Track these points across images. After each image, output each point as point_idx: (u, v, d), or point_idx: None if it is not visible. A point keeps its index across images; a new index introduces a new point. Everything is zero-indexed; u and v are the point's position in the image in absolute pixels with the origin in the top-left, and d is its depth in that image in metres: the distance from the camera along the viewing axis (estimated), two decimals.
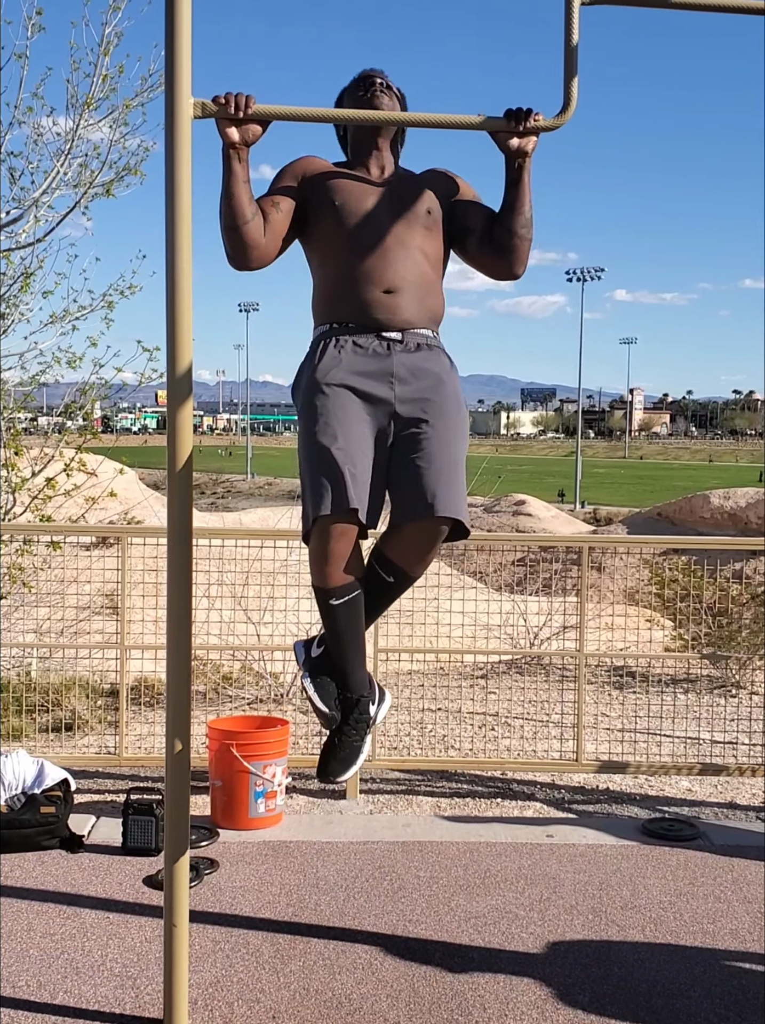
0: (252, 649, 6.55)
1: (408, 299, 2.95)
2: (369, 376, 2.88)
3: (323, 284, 3.05)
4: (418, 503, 2.81)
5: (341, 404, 2.84)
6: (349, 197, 2.99)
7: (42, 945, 3.48)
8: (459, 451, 2.92)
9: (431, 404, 2.90)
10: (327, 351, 2.93)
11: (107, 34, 6.98)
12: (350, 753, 2.98)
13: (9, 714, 5.67)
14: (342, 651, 2.96)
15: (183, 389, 2.86)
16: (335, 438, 2.78)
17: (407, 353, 2.94)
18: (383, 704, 3.14)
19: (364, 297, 2.93)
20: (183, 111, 2.78)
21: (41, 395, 8.11)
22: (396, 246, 2.95)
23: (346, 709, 2.98)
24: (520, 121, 2.88)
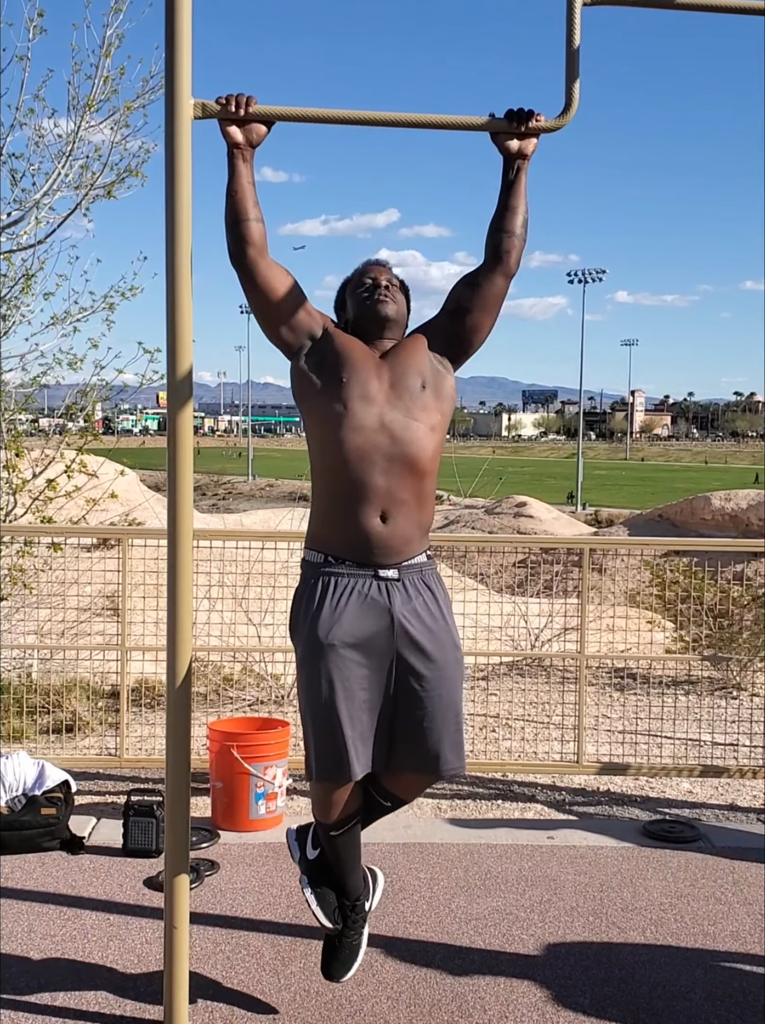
0: (253, 651, 6.55)
1: (403, 524, 2.84)
2: (369, 636, 2.82)
3: (320, 499, 2.92)
4: (423, 760, 2.89)
5: (345, 667, 2.79)
6: (355, 378, 2.85)
7: (43, 946, 3.48)
8: (458, 694, 2.95)
9: (429, 649, 2.86)
10: (326, 599, 2.83)
11: (108, 36, 6.99)
12: (351, 954, 3.09)
13: (10, 715, 5.67)
14: (341, 867, 3.06)
15: (184, 391, 2.86)
16: (339, 705, 2.77)
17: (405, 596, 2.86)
18: (377, 891, 3.25)
19: (361, 529, 2.81)
20: (183, 112, 2.78)
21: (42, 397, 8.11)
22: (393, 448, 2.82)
23: (344, 914, 3.07)
24: (521, 122, 2.88)
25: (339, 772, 2.78)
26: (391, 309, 2.97)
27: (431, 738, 2.86)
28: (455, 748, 2.90)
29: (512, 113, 2.90)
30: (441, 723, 2.87)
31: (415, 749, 2.88)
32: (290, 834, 3.24)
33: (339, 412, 2.82)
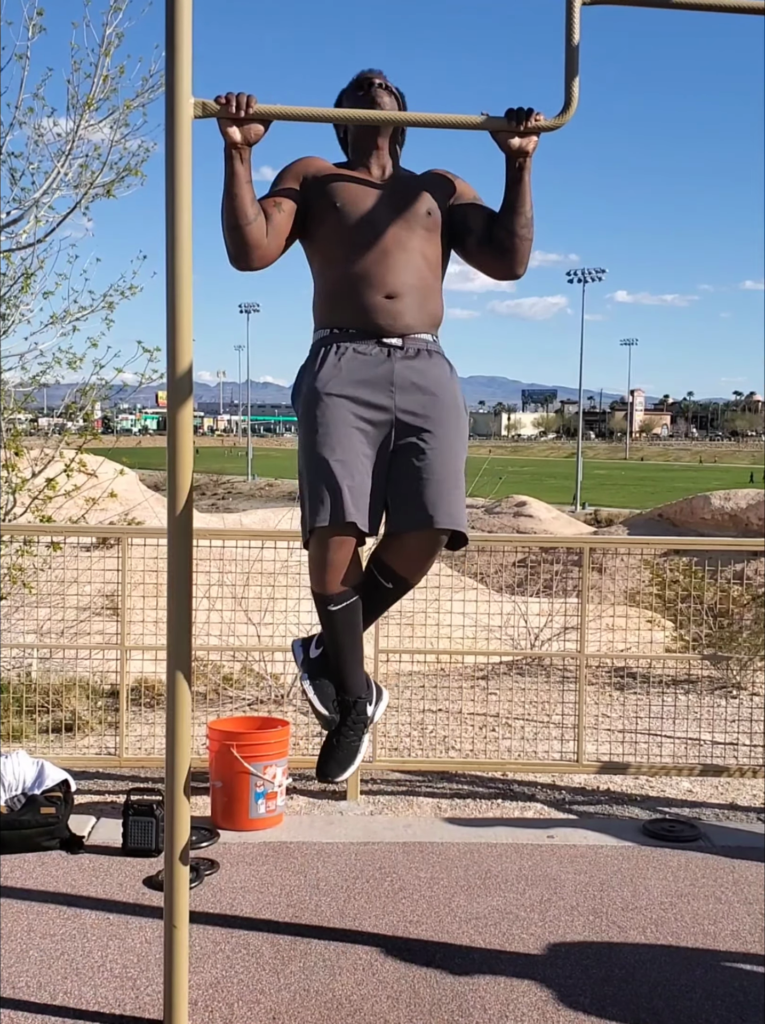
0: (252, 650, 6.54)
1: (408, 304, 2.94)
2: (369, 385, 2.88)
3: (324, 288, 3.04)
4: (418, 514, 2.84)
5: (341, 415, 2.83)
6: (350, 199, 2.99)
7: (42, 946, 3.48)
8: (459, 460, 2.93)
9: (431, 412, 2.90)
10: (327, 358, 2.93)
11: (108, 35, 6.99)
12: (348, 754, 3.02)
13: (9, 715, 5.66)
14: (340, 655, 3.00)
15: (183, 390, 2.86)
16: (334, 449, 2.79)
17: (407, 360, 2.93)
18: (381, 703, 3.18)
19: (365, 302, 2.92)
20: (183, 111, 2.78)
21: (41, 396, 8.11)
22: (396, 249, 2.95)
23: (344, 711, 3.02)
24: (521, 121, 2.88)
25: (336, 513, 2.74)
26: (387, 104, 3.06)
27: (428, 489, 2.83)
28: (453, 505, 2.84)
29: (512, 112, 2.90)
30: (439, 477, 2.84)
31: (411, 502, 2.84)
32: (295, 643, 3.20)
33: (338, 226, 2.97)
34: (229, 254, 2.95)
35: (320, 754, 3.05)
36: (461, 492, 2.90)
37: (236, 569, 6.01)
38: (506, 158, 2.95)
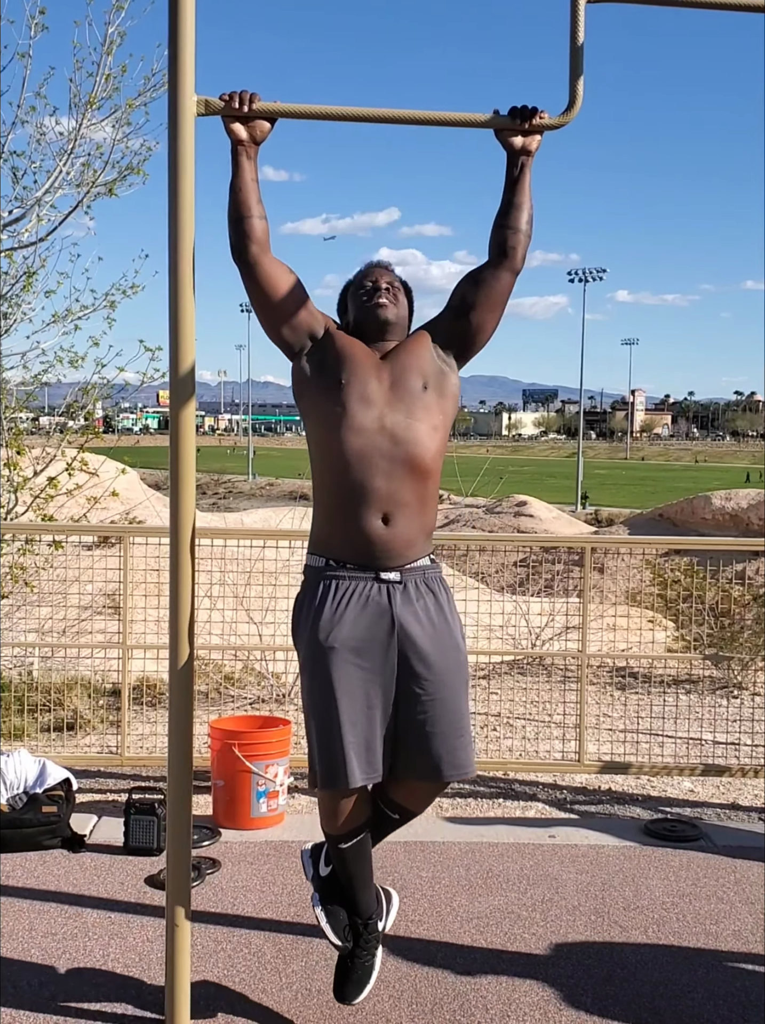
0: (254, 649, 6.54)
1: (405, 527, 2.83)
2: (370, 637, 2.80)
3: (321, 502, 2.91)
4: (426, 767, 2.86)
5: (346, 670, 2.77)
6: (354, 379, 2.84)
7: (44, 945, 3.48)
8: (461, 701, 2.91)
9: (433, 654, 2.84)
10: (326, 601, 2.82)
11: (110, 33, 7.00)
12: (363, 974, 3.03)
13: (11, 713, 5.66)
14: (352, 883, 3.03)
15: (186, 389, 2.86)
16: (341, 709, 2.76)
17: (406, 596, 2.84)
18: (391, 911, 3.21)
19: (361, 532, 2.80)
20: (186, 108, 2.78)
21: (43, 395, 8.12)
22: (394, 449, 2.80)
23: (356, 933, 3.04)
24: (525, 119, 2.88)
25: (339, 779, 2.76)
26: (391, 313, 2.96)
27: (433, 743, 2.84)
28: (459, 754, 2.86)
29: (515, 110, 2.90)
30: (443, 728, 2.84)
31: (417, 755, 2.86)
32: (304, 853, 3.23)
33: (338, 414, 2.81)
34: (231, 247, 2.91)
35: (335, 975, 3.05)
36: (467, 736, 2.90)
37: (237, 568, 6.01)
38: (508, 156, 2.95)
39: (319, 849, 3.17)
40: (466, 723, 2.91)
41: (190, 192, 2.82)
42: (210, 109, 2.81)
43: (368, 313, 2.95)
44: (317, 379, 2.89)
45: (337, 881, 3.06)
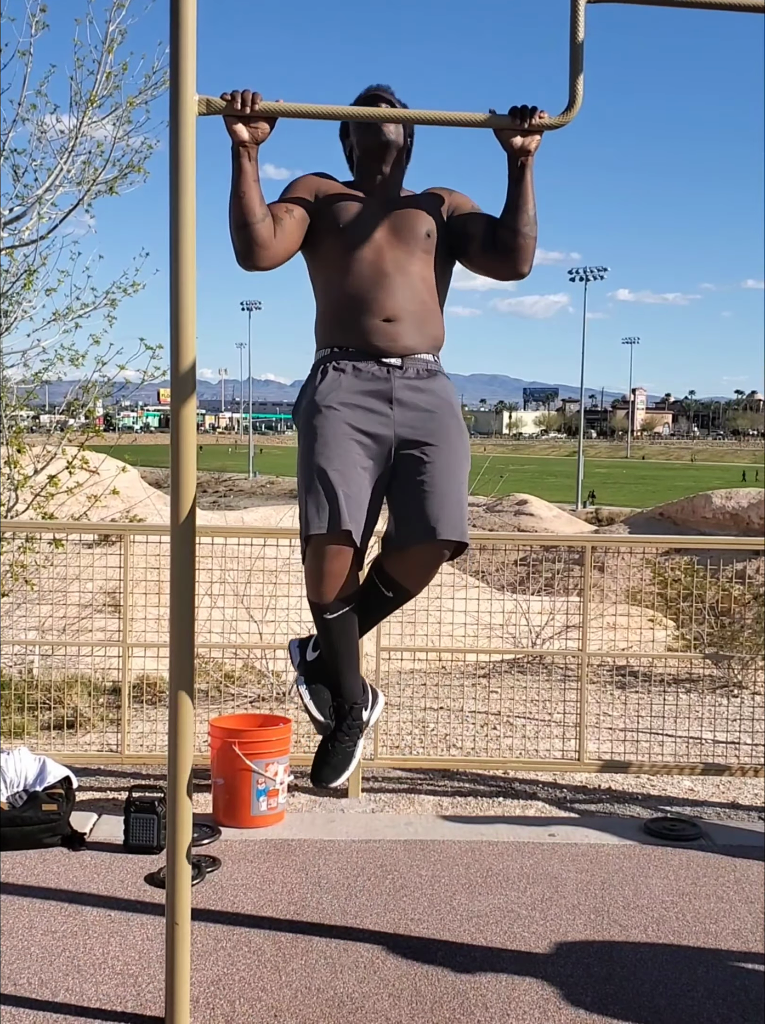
0: (254, 647, 6.55)
1: (408, 327, 2.95)
2: (369, 400, 2.88)
3: (325, 310, 3.05)
4: (422, 527, 2.84)
5: (339, 427, 2.84)
6: (354, 222, 3.00)
7: (43, 943, 3.48)
8: (462, 473, 2.93)
9: (432, 427, 2.90)
10: (328, 374, 2.94)
11: (111, 31, 7.00)
12: (343, 759, 3.04)
13: (11, 711, 5.67)
14: (336, 661, 3.01)
15: (187, 386, 2.86)
16: (331, 459, 2.79)
17: (407, 379, 2.94)
18: (376, 707, 3.20)
19: (364, 325, 2.94)
20: (188, 107, 2.77)
21: (43, 393, 8.12)
22: (396, 274, 2.96)
23: (339, 716, 3.04)
24: (525, 118, 2.88)
25: (332, 521, 2.74)
26: (391, 131, 3.04)
27: (430, 502, 2.83)
28: (455, 515, 2.83)
29: (515, 110, 2.90)
30: (441, 489, 2.84)
31: (414, 516, 2.84)
32: (292, 644, 3.22)
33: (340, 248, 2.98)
34: (236, 253, 2.94)
35: (315, 759, 3.06)
36: (463, 504, 2.90)
37: (238, 566, 6.01)
38: (508, 157, 2.95)
39: (307, 640, 3.17)
40: (464, 495, 2.92)
41: (191, 191, 2.82)
42: (211, 109, 2.81)
43: (370, 134, 3.04)
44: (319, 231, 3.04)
45: (323, 666, 3.04)
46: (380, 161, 3.07)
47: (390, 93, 3.12)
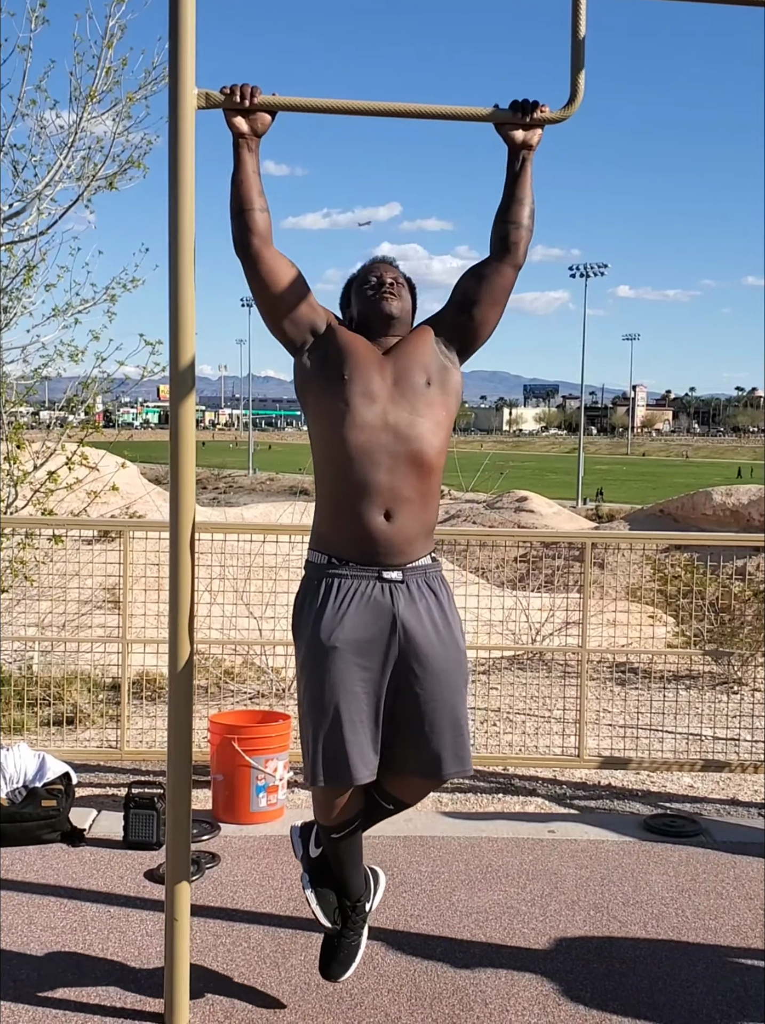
0: (254, 644, 6.54)
1: (407, 523, 2.81)
2: (371, 634, 2.79)
3: (323, 497, 2.90)
4: (426, 764, 2.87)
5: (347, 670, 2.76)
6: (358, 374, 2.83)
7: (43, 938, 3.48)
8: (460, 701, 2.91)
9: (431, 657, 2.83)
10: (329, 600, 2.81)
11: (111, 27, 6.98)
12: (349, 954, 3.06)
13: (10, 708, 5.67)
14: (342, 868, 3.04)
15: (186, 383, 2.86)
16: (341, 708, 2.75)
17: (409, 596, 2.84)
18: (378, 892, 3.22)
19: (365, 528, 2.79)
20: (187, 101, 2.77)
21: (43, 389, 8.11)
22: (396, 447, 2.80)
23: (344, 915, 3.05)
24: (526, 113, 2.87)
25: (342, 777, 2.76)
26: (395, 307, 2.95)
27: (432, 742, 2.84)
28: (456, 752, 2.87)
29: (517, 104, 2.89)
30: (442, 726, 2.84)
31: (416, 752, 2.86)
32: (294, 831, 3.24)
33: (341, 409, 2.80)
34: (233, 240, 2.88)
35: (322, 953, 3.07)
36: (465, 734, 2.91)
37: (237, 563, 6.01)
38: (509, 151, 2.94)
39: (309, 829, 3.18)
40: (465, 721, 2.92)
41: (191, 186, 2.81)
42: (211, 102, 2.81)
43: (373, 308, 2.94)
44: (319, 374, 2.88)
45: (327, 863, 3.07)
46: (385, 332, 2.95)
47: (394, 269, 3.04)
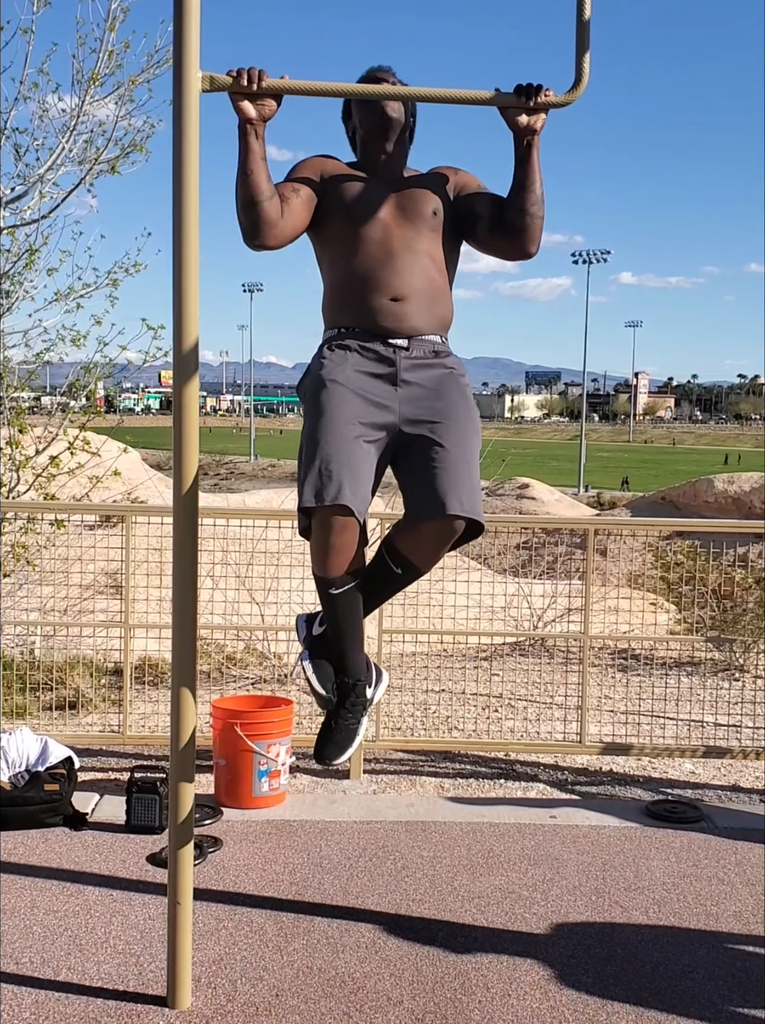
0: (256, 629, 6.55)
1: (415, 307, 2.93)
2: (375, 376, 2.86)
3: (332, 290, 3.04)
4: (433, 503, 2.78)
5: (345, 400, 2.81)
6: (359, 200, 2.98)
7: (45, 922, 3.49)
8: (472, 449, 2.90)
9: (439, 406, 2.87)
10: (334, 352, 2.92)
11: (113, 9, 6.95)
12: (346, 736, 3.01)
13: (13, 692, 5.67)
14: (340, 637, 2.99)
15: (189, 367, 2.84)
16: (337, 433, 2.76)
17: (413, 359, 2.91)
18: (380, 685, 3.18)
19: (371, 305, 2.92)
20: (191, 84, 2.75)
21: (45, 374, 8.10)
22: (404, 252, 2.95)
23: (343, 693, 3.01)
24: (530, 96, 2.85)
25: (334, 494, 2.69)
26: (393, 109, 3.02)
27: (439, 478, 2.78)
28: (466, 492, 2.77)
29: (521, 88, 2.87)
30: (452, 465, 2.80)
31: (426, 492, 2.79)
32: (299, 618, 3.21)
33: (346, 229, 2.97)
34: (243, 231, 2.90)
35: (318, 737, 3.04)
36: (476, 481, 2.85)
37: (239, 548, 6.01)
38: (514, 136, 2.92)
39: (314, 616, 3.16)
40: (475, 470, 2.87)
41: (195, 168, 2.80)
42: (215, 85, 2.79)
43: (373, 110, 3.02)
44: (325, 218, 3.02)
45: (327, 642, 3.03)
46: (383, 140, 3.05)
47: (391, 73, 3.10)
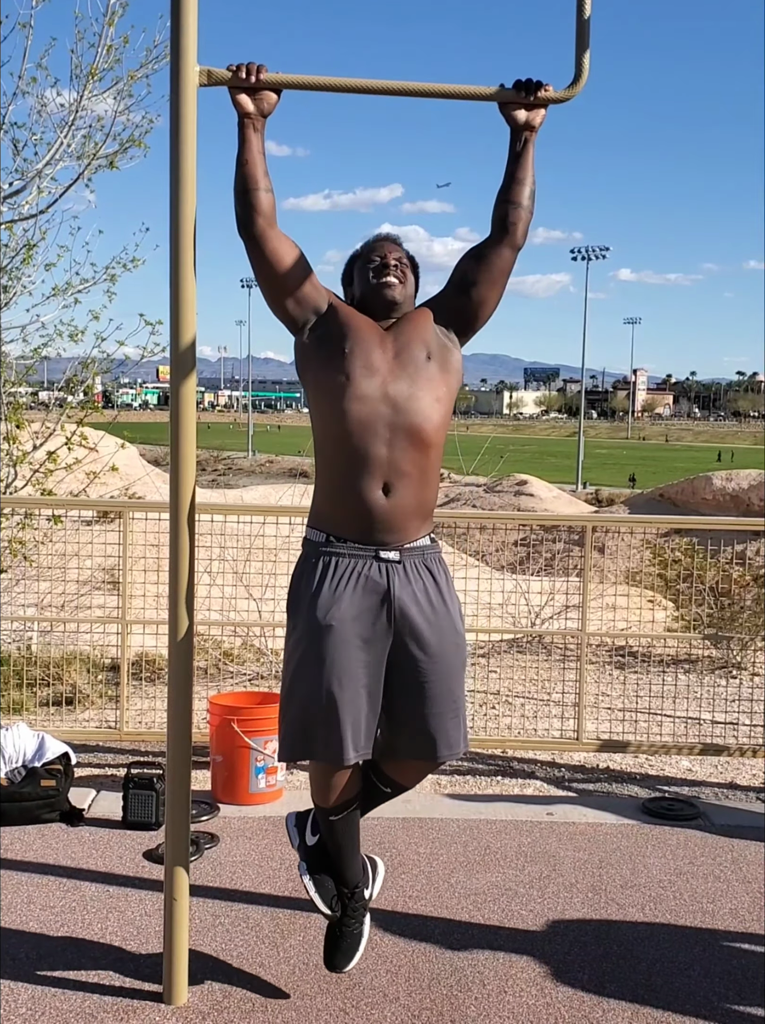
0: (253, 625, 6.55)
1: (406, 498, 2.79)
2: (369, 613, 2.78)
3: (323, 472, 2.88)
4: (421, 746, 2.88)
5: (343, 649, 2.74)
6: (358, 348, 2.82)
7: (42, 918, 3.49)
8: (456, 684, 2.91)
9: (429, 637, 2.82)
10: (326, 579, 2.79)
11: (112, 4, 6.92)
12: (352, 943, 3.06)
13: (10, 688, 5.67)
14: (340, 853, 3.03)
15: (186, 363, 2.84)
16: (338, 688, 2.73)
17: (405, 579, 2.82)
18: (377, 880, 3.22)
19: (363, 502, 2.77)
20: (189, 78, 2.75)
21: (42, 369, 8.08)
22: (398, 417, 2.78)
23: (343, 903, 3.04)
24: (530, 92, 2.85)
25: (338, 754, 2.75)
26: (398, 292, 2.93)
27: (429, 724, 2.85)
28: (453, 734, 2.88)
29: (520, 83, 2.87)
30: (439, 708, 2.85)
31: (413, 735, 2.87)
32: (290, 819, 3.23)
33: (341, 382, 2.78)
34: (237, 220, 2.85)
35: (326, 944, 3.07)
36: (461, 716, 2.92)
37: (237, 544, 6.00)
38: (512, 131, 2.91)
39: (304, 818, 3.17)
40: (461, 704, 2.92)
41: (192, 164, 2.79)
42: (213, 79, 2.78)
43: (376, 291, 2.93)
44: (320, 351, 2.86)
45: (324, 850, 3.06)
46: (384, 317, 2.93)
47: (399, 247, 3.01)
